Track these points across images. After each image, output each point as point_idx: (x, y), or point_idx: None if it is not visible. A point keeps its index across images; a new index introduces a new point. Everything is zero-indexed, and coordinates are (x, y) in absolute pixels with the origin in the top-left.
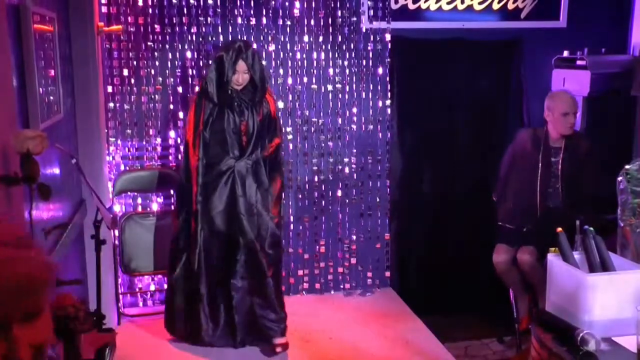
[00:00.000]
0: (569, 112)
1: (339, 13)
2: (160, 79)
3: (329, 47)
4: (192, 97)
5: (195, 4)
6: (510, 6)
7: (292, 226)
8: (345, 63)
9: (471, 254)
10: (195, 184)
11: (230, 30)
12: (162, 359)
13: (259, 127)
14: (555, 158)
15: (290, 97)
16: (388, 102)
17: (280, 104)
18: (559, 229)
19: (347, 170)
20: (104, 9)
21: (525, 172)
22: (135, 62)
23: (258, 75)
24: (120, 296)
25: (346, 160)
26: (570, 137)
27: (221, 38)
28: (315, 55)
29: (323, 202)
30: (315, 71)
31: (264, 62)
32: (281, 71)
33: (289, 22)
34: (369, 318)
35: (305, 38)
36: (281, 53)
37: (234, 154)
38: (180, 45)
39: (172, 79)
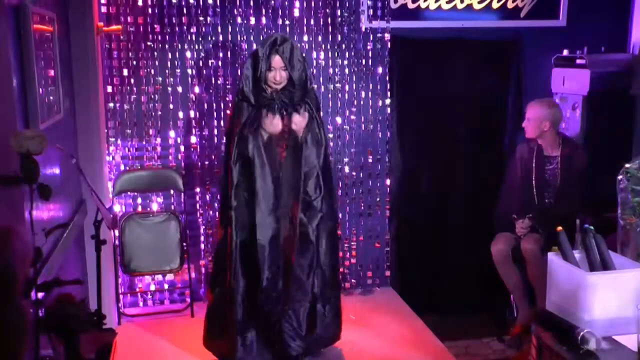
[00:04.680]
0: (525, 117)
1: (339, 12)
2: (160, 78)
3: (329, 47)
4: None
5: (195, 3)
6: (510, 5)
7: None
8: (345, 62)
9: (471, 253)
10: (230, 188)
11: (229, 30)
12: (162, 359)
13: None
14: (548, 166)
15: None
16: (388, 101)
17: None
18: (559, 228)
19: (347, 169)
20: (103, 9)
21: (522, 178)
22: (134, 62)
23: (296, 72)
24: (121, 296)
25: (346, 159)
26: (564, 146)
27: (220, 38)
28: (314, 54)
29: None
30: (314, 71)
31: (305, 58)
32: None
33: (288, 22)
34: (369, 318)
35: (305, 38)
36: None
37: None
38: (179, 45)
39: (171, 79)
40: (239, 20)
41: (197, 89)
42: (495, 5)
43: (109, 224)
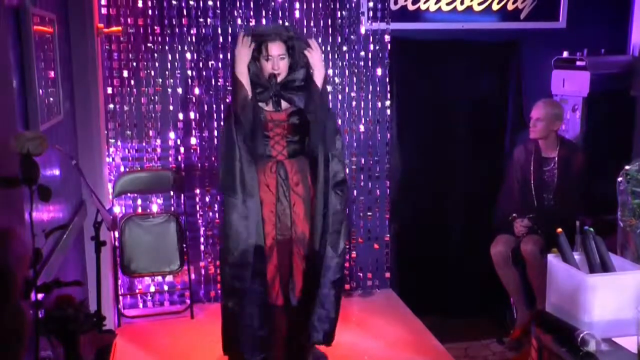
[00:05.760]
0: (534, 117)
1: (339, 14)
2: (160, 80)
3: (329, 49)
4: None
5: (195, 5)
6: (510, 7)
7: None
8: (345, 64)
9: (471, 255)
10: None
11: (229, 31)
12: None
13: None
14: (546, 167)
15: None
16: (387, 103)
17: None
18: (559, 230)
19: (347, 170)
20: (103, 11)
21: (521, 180)
22: (134, 64)
23: (298, 61)
24: (120, 297)
25: (346, 161)
26: (562, 147)
27: (220, 39)
28: None
29: None
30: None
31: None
32: None
33: (288, 23)
34: (369, 319)
35: None
36: None
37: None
38: (179, 47)
39: (171, 80)
40: (239, 21)
41: (197, 91)
42: (495, 7)
43: (109, 225)
